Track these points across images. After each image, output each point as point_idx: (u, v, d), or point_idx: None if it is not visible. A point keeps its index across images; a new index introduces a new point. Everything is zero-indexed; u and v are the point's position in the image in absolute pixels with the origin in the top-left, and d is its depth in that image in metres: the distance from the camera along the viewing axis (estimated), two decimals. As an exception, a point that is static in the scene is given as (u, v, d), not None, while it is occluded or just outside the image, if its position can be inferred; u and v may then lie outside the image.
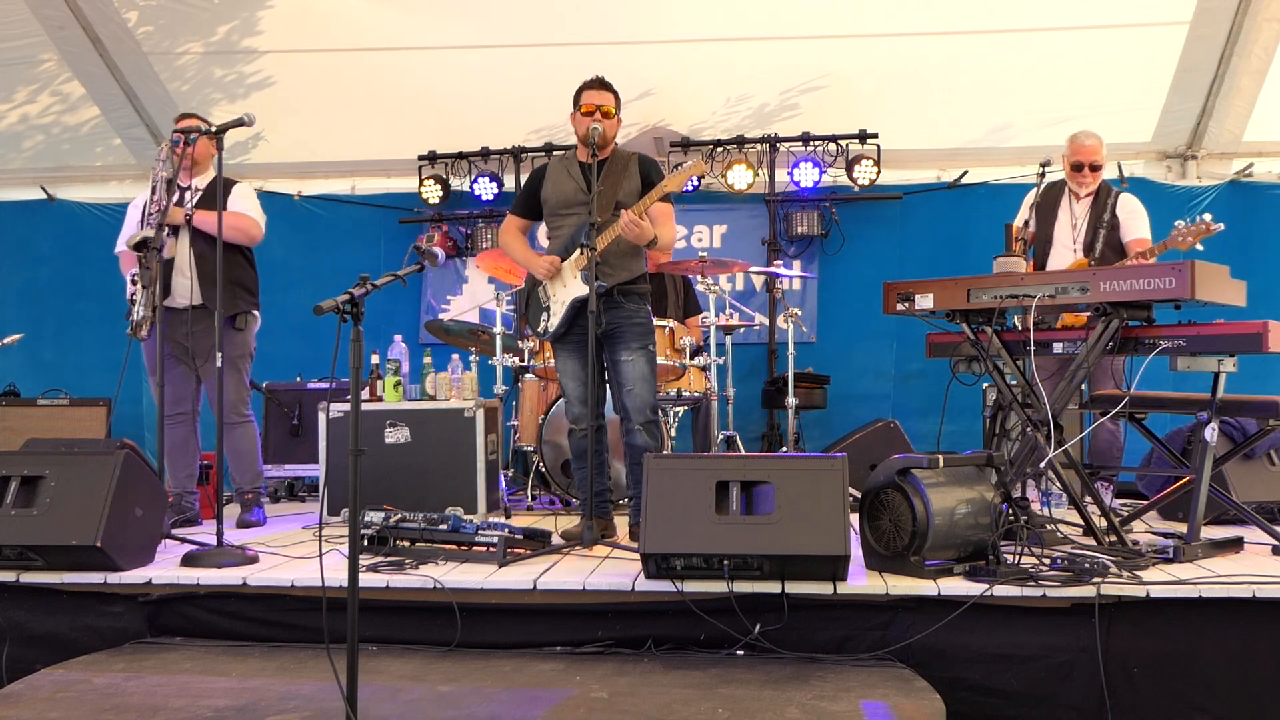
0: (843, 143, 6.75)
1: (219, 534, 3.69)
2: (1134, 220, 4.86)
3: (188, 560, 3.57)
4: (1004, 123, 6.47)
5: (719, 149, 6.86)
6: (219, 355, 3.89)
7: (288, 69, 6.61)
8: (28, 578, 3.43)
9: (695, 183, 6.78)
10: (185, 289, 4.59)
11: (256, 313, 4.90)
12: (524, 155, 7.11)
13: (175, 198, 4.24)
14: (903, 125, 6.59)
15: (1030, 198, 5.13)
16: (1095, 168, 4.88)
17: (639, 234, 3.96)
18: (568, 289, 4.14)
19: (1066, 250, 4.91)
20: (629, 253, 4.14)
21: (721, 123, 6.90)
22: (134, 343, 4.31)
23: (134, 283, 4.27)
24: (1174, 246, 4.42)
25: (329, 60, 6.50)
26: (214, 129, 3.96)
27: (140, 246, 4.12)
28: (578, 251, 4.08)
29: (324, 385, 6.02)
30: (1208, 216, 4.27)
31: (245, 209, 4.79)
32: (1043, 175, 4.77)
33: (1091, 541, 3.65)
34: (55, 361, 7.27)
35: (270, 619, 3.37)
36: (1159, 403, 4.04)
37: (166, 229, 4.31)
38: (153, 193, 4.31)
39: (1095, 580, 3.08)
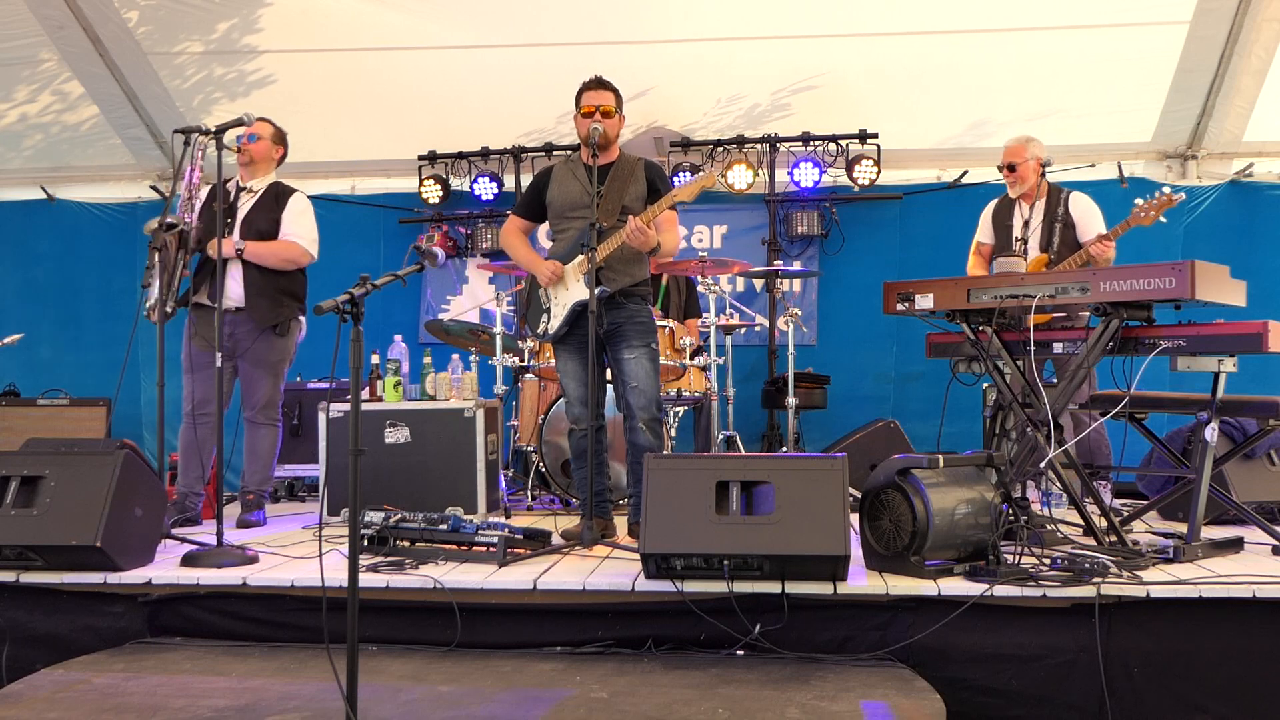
0: (843, 143, 6.74)
1: (219, 534, 3.69)
2: (1089, 220, 4.86)
3: (188, 560, 3.57)
4: (1004, 123, 6.45)
5: (719, 149, 6.85)
6: (218, 356, 3.90)
7: (288, 68, 6.61)
8: (28, 578, 3.43)
9: (695, 184, 6.78)
10: (232, 292, 4.65)
11: (303, 319, 4.92)
12: (524, 155, 7.11)
13: (231, 199, 4.21)
14: (902, 125, 6.59)
15: (988, 211, 5.14)
16: (1011, 168, 4.92)
17: (643, 241, 3.96)
18: (569, 292, 4.14)
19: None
20: (632, 259, 4.14)
21: (715, 122, 6.89)
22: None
23: (150, 267, 4.29)
24: (1137, 224, 4.42)
25: (329, 60, 6.50)
26: (213, 130, 3.96)
27: (163, 228, 4.14)
28: (580, 255, 4.07)
29: (324, 385, 6.02)
30: (1166, 189, 4.28)
31: (296, 234, 4.79)
32: (1042, 175, 4.77)
33: (1091, 541, 3.65)
34: (54, 361, 7.27)
35: (270, 619, 3.37)
36: (1159, 403, 4.04)
37: (191, 216, 4.32)
38: (186, 179, 4.32)
39: (1095, 580, 3.08)
